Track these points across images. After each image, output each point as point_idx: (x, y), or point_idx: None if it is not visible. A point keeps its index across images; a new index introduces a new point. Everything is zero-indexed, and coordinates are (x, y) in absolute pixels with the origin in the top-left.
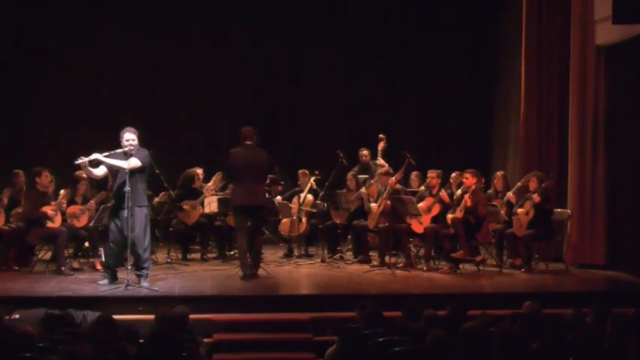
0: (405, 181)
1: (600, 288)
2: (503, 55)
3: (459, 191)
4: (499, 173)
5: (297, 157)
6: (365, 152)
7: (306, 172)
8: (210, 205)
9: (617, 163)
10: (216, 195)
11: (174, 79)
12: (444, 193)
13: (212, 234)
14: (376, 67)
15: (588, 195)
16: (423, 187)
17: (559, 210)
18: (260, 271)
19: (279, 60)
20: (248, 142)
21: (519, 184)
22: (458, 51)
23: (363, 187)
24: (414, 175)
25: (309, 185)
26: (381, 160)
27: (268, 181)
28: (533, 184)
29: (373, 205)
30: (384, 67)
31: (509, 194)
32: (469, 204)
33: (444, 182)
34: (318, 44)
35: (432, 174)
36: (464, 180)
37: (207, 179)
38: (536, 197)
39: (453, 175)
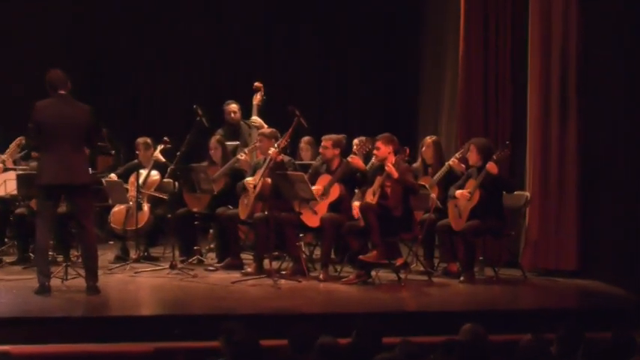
0: (292, 149)
1: (570, 304)
2: None
3: (370, 164)
4: (429, 139)
5: (136, 117)
6: (234, 107)
7: (148, 141)
8: (6, 184)
9: (595, 127)
10: (14, 170)
11: None
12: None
13: (9, 227)
14: None
15: (554, 172)
16: (318, 160)
17: (514, 192)
18: (78, 282)
19: None
20: (61, 92)
21: (458, 155)
22: None
23: (242, 153)
24: (304, 141)
25: (152, 159)
26: (257, 119)
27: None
28: (472, 156)
29: (249, 180)
30: None
31: (454, 159)
32: (394, 177)
33: (346, 152)
34: None
35: (326, 142)
36: (375, 151)
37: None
38: (492, 167)
39: (356, 142)
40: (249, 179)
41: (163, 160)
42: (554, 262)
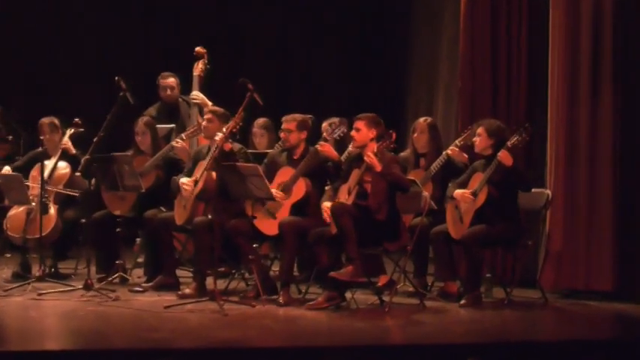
0: (243, 134)
1: (603, 334)
2: None
3: (345, 154)
4: (423, 122)
5: (39, 92)
6: (171, 82)
7: (55, 121)
8: None
9: (637, 106)
10: None
11: None
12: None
13: None
14: None
15: (584, 164)
16: (277, 147)
17: (532, 191)
18: None
19: None
20: None
21: (459, 141)
22: None
23: (179, 139)
24: (259, 125)
25: (61, 147)
26: (198, 95)
27: None
28: (481, 142)
29: (184, 181)
30: None
31: (453, 147)
32: (376, 169)
33: (314, 138)
34: None
35: (288, 124)
36: (353, 133)
37: None
38: (505, 156)
39: (326, 125)
40: (184, 180)
41: (74, 151)
42: (584, 280)
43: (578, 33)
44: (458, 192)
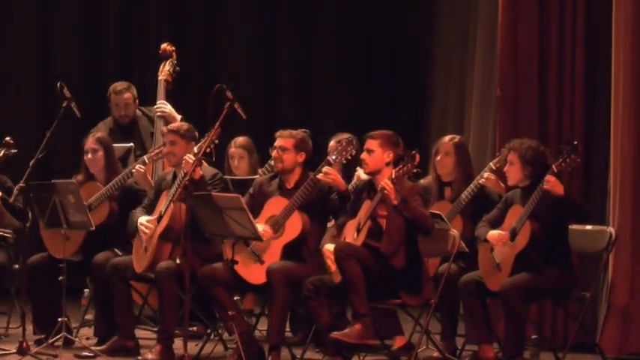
0: (219, 156)
1: None
2: None
3: (353, 182)
4: (448, 141)
5: None
6: (127, 97)
7: None
8: None
9: None
10: None
11: None
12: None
13: None
14: None
15: None
16: (261, 171)
17: (588, 228)
18: None
19: None
20: None
21: (494, 164)
22: None
23: (139, 165)
24: (236, 144)
25: None
26: (164, 106)
27: None
28: (513, 172)
29: (142, 221)
30: None
31: (488, 174)
32: (392, 202)
33: (314, 160)
34: None
35: (284, 140)
36: (364, 156)
37: None
38: (554, 184)
39: (332, 143)
40: (143, 220)
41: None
42: None
43: None
44: (492, 233)
